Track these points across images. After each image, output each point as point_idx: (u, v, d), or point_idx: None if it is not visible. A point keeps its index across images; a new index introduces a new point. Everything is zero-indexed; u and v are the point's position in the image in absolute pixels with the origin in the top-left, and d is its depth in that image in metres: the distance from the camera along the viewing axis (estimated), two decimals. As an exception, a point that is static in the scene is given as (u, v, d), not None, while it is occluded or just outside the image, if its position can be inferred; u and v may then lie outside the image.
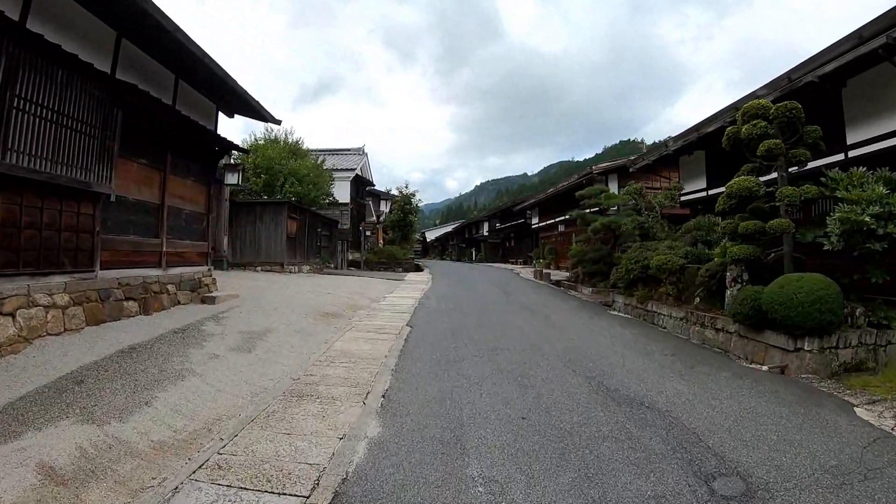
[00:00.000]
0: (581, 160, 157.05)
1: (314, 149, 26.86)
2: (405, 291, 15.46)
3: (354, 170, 30.43)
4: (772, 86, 9.02)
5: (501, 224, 46.51)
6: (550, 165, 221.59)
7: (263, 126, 27.84)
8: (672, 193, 12.40)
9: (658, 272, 9.75)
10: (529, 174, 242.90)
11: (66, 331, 6.16)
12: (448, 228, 75.95)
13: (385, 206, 41.83)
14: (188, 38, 7.72)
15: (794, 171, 7.91)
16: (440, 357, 6.54)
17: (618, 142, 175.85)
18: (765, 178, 8.18)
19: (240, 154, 17.82)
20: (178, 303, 9.00)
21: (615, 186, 20.56)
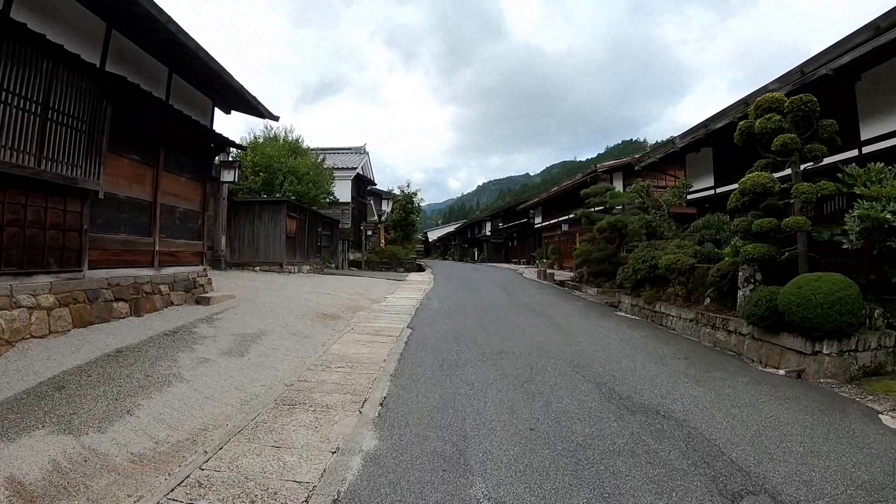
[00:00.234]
0: (583, 160, 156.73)
1: (315, 147, 26.59)
2: (406, 292, 15.18)
3: (355, 169, 30.14)
4: (784, 80, 8.73)
5: (504, 224, 46.25)
6: (553, 165, 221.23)
7: (263, 124, 27.62)
8: (680, 191, 12.09)
9: (667, 272, 9.44)
10: (532, 174, 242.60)
11: (52, 333, 5.91)
12: (450, 228, 75.67)
13: (387, 206, 41.56)
14: (181, 30, 7.45)
15: (809, 168, 7.63)
16: (442, 361, 6.24)
17: (620, 142, 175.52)
18: (777, 175, 7.90)
19: (238, 152, 17.61)
20: (172, 304, 8.74)
21: (620, 185, 20.25)
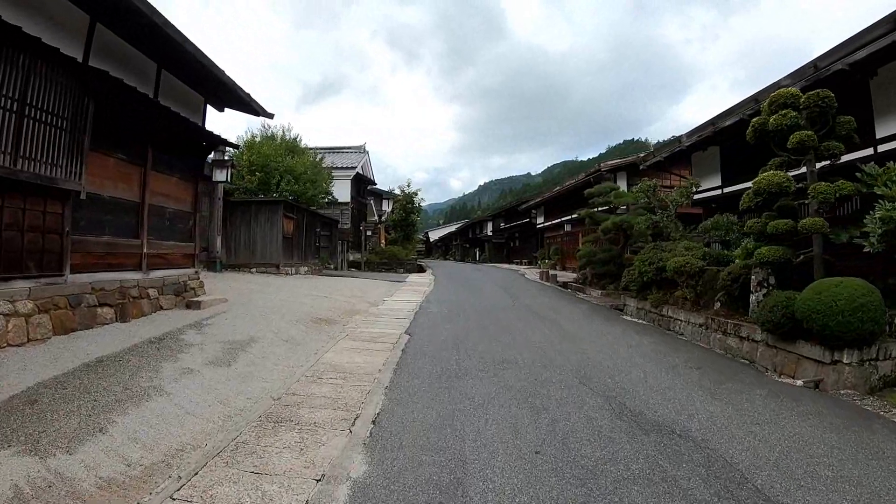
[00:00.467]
0: (585, 160, 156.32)
1: (313, 146, 26.27)
2: (406, 294, 14.86)
3: (355, 168, 29.82)
4: (797, 75, 8.39)
5: (506, 224, 45.95)
6: (554, 165, 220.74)
7: (261, 123, 27.29)
8: (687, 191, 11.73)
9: (675, 275, 9.09)
10: (533, 174, 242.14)
11: (30, 341, 5.61)
12: (452, 228, 75.33)
13: (387, 206, 41.25)
14: (167, 23, 7.12)
15: (824, 167, 7.30)
16: (440, 372, 5.89)
17: (622, 141, 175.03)
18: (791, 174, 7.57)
19: (234, 150, 17.30)
20: (161, 308, 8.43)
21: (623, 185, 19.90)
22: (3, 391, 4.22)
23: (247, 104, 10.53)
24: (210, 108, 10.91)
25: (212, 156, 13.08)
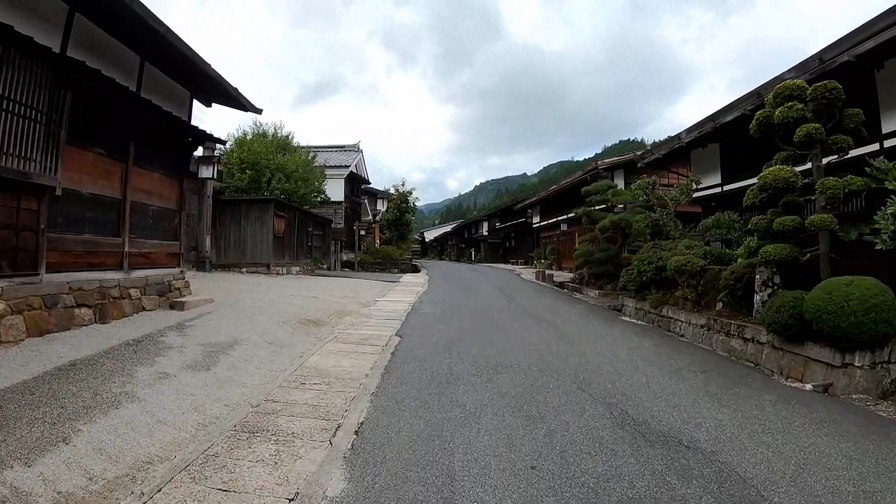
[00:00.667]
0: (581, 160, 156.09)
1: (306, 145, 25.90)
2: (399, 295, 14.54)
3: (349, 167, 29.47)
4: (800, 68, 8.13)
5: (501, 223, 45.70)
6: (550, 165, 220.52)
7: (252, 120, 26.94)
8: (688, 188, 11.46)
9: (676, 274, 8.81)
10: (529, 174, 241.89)
11: (1, 343, 5.31)
12: (447, 228, 75.03)
13: (382, 205, 40.90)
14: (148, 12, 6.81)
15: (833, 161, 7.03)
16: (431, 377, 5.56)
17: (618, 141, 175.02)
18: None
19: (224, 148, 16.94)
20: (143, 309, 8.10)
21: (621, 183, 19.66)
22: (-33, 398, 3.92)
23: (234, 98, 10.21)
24: (199, 105, 10.61)
25: (199, 152, 12.76)
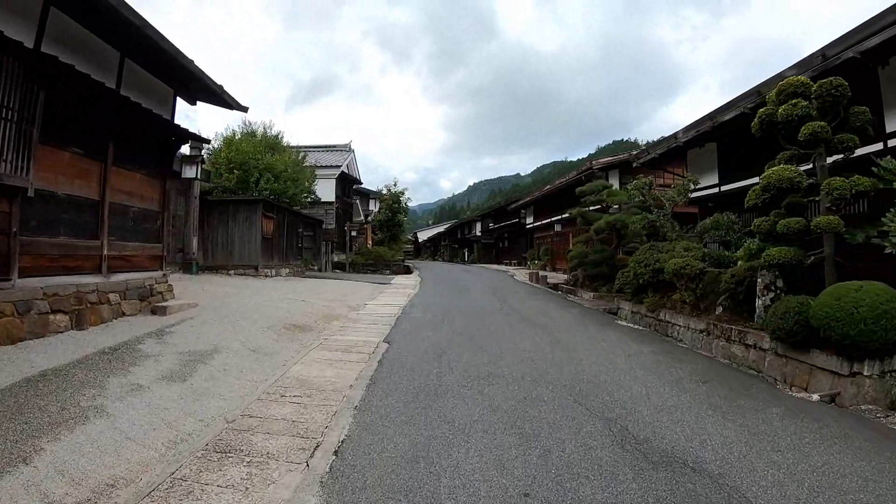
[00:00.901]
0: (574, 160, 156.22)
1: (297, 144, 25.50)
2: (389, 297, 14.22)
3: (340, 167, 29.08)
4: (803, 65, 7.91)
5: (495, 224, 45.49)
6: (544, 165, 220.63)
7: (242, 119, 26.53)
8: (685, 188, 11.22)
9: (674, 277, 8.54)
10: (522, 174, 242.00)
11: (-31, 353, 4.97)
12: (440, 229, 74.77)
13: (374, 206, 40.57)
14: (122, 3, 6.47)
15: (839, 161, 6.79)
16: (418, 388, 5.24)
17: (611, 142, 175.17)
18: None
19: (211, 147, 16.56)
20: (123, 314, 7.76)
21: (616, 183, 19.43)
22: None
23: (218, 96, 9.86)
24: (183, 103, 10.26)
25: (187, 150, 12.41)
